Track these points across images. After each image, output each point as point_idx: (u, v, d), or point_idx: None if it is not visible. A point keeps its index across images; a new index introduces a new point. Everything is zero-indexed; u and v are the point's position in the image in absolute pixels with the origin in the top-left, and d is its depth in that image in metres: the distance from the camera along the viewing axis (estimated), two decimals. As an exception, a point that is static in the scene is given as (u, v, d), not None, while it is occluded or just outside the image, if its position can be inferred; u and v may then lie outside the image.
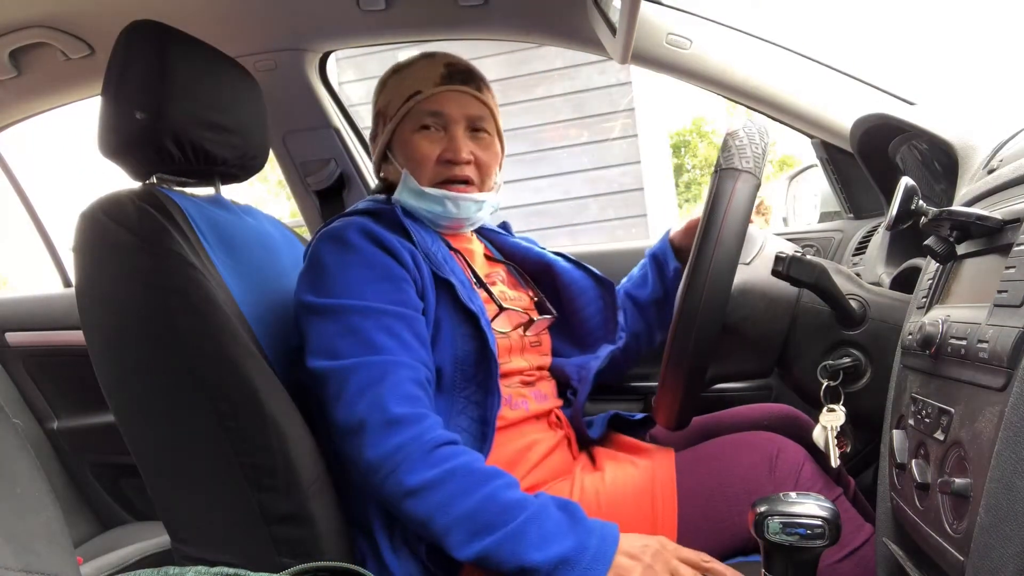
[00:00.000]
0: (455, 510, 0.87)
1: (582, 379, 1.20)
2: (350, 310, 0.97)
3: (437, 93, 1.11)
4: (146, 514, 1.98)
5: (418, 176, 1.11)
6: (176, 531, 1.02)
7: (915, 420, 0.72)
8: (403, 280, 1.01)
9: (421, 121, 1.11)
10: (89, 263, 0.99)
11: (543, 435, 1.11)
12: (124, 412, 1.00)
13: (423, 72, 1.13)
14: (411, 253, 1.04)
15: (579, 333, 1.28)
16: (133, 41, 1.04)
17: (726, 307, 0.88)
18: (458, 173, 1.11)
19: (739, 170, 0.87)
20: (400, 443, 0.89)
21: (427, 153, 1.11)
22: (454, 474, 0.89)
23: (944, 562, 0.62)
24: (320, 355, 0.96)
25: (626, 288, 1.35)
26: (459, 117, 1.12)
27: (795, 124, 1.43)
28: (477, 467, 0.90)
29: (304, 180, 1.81)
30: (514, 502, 0.88)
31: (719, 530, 0.95)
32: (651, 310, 1.32)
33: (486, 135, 1.15)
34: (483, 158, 1.13)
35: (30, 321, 1.96)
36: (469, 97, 1.13)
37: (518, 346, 1.14)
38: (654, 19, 1.37)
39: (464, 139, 1.12)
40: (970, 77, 2.83)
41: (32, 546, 0.54)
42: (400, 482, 0.89)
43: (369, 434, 0.90)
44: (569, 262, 1.29)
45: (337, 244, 1.02)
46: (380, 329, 0.96)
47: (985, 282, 0.66)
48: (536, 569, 0.84)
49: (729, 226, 0.86)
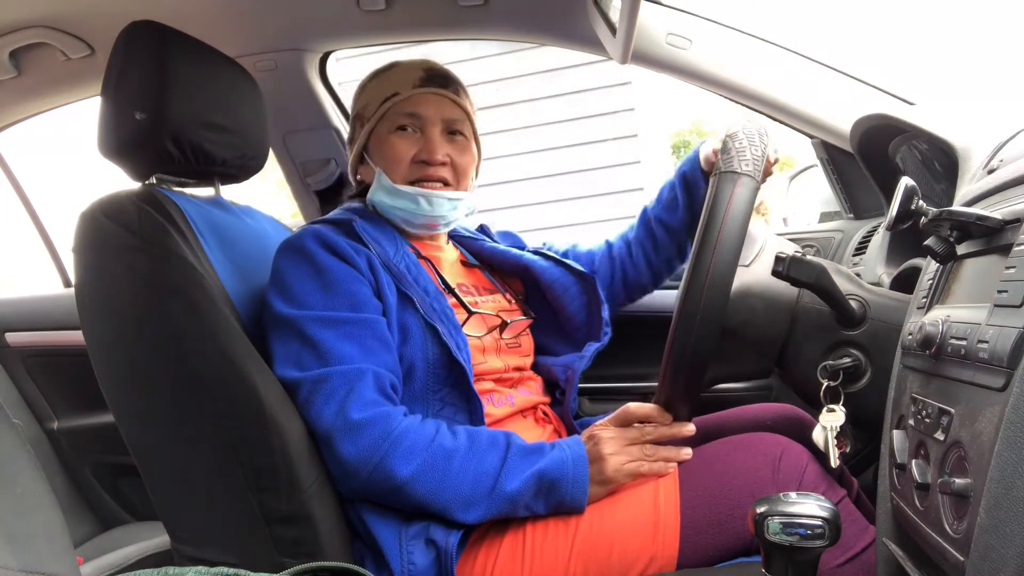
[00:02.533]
0: (441, 497, 0.94)
1: (568, 380, 1.21)
2: (311, 320, 0.99)
3: (415, 95, 1.14)
4: (146, 514, 1.98)
5: (393, 175, 1.13)
6: (176, 531, 1.02)
7: (915, 420, 0.72)
8: (360, 283, 1.03)
9: (398, 122, 1.13)
10: (89, 263, 0.99)
11: (531, 432, 1.11)
12: (124, 412, 1.00)
13: (401, 75, 1.16)
14: (367, 258, 1.06)
15: (567, 330, 1.29)
16: (133, 41, 1.04)
17: (726, 311, 0.88)
18: (432, 173, 1.13)
19: (739, 173, 0.87)
20: (370, 444, 0.94)
21: (403, 152, 1.13)
22: (432, 464, 0.95)
23: (944, 562, 0.62)
24: (286, 365, 0.99)
25: (655, 213, 1.33)
26: (436, 119, 1.14)
27: (795, 124, 1.42)
28: (448, 445, 0.96)
29: (304, 180, 1.81)
30: (491, 470, 0.95)
31: (722, 531, 0.94)
32: (683, 234, 1.31)
33: (462, 138, 1.17)
34: (459, 160, 1.15)
35: (30, 321, 1.96)
36: (446, 100, 1.15)
37: (492, 347, 1.15)
38: (654, 19, 1.37)
39: (440, 140, 1.14)
40: (970, 77, 2.84)
41: (32, 546, 0.54)
42: (382, 480, 0.94)
43: (339, 441, 0.95)
44: (549, 259, 1.30)
45: (294, 254, 1.05)
46: (341, 338, 0.99)
47: (985, 282, 0.66)
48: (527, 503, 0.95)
49: (728, 230, 0.86)
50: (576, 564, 0.94)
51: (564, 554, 0.95)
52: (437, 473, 0.94)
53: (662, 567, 0.94)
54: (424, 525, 0.96)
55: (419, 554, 0.95)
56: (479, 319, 1.14)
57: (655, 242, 1.32)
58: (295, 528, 0.95)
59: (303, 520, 0.95)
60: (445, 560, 0.93)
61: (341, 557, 0.98)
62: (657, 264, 1.33)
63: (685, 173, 1.29)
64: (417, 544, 0.96)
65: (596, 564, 0.94)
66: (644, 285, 1.36)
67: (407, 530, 0.97)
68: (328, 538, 0.96)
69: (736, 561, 0.95)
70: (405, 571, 0.95)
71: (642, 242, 1.34)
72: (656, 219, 1.32)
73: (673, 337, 0.89)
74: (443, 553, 0.93)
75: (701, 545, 0.94)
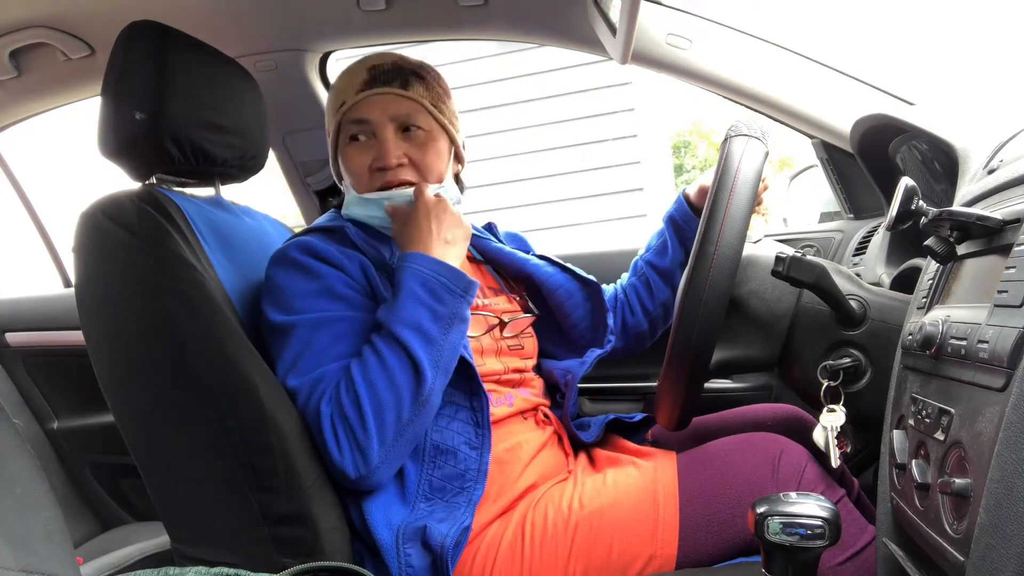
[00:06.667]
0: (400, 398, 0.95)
1: (568, 384, 1.20)
2: (305, 324, 0.99)
3: (359, 100, 1.08)
4: (146, 514, 1.97)
5: (357, 188, 1.11)
6: (176, 531, 1.02)
7: (915, 420, 0.72)
8: (352, 287, 1.03)
9: (350, 131, 1.10)
10: (89, 263, 0.99)
11: (531, 433, 1.11)
12: (124, 412, 1.00)
13: (346, 81, 1.11)
14: (359, 262, 1.05)
15: (571, 337, 1.28)
16: (133, 41, 1.04)
17: (740, 257, 0.87)
18: (391, 179, 1.09)
19: (748, 136, 0.88)
20: None
21: (359, 164, 1.10)
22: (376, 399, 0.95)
23: (944, 562, 0.62)
24: (286, 373, 0.99)
25: (646, 259, 1.33)
26: (383, 120, 1.08)
27: (795, 124, 1.42)
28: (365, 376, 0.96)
29: (304, 180, 1.81)
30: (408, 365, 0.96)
31: (721, 531, 0.95)
32: (677, 274, 1.30)
33: (420, 131, 1.10)
34: (418, 157, 1.10)
35: (30, 321, 1.96)
36: (392, 97, 1.09)
37: (492, 348, 1.14)
38: (654, 19, 1.37)
39: (394, 142, 1.09)
40: (970, 77, 2.85)
41: (32, 546, 0.54)
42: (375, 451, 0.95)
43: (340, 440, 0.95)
44: (554, 265, 1.29)
45: (285, 265, 1.04)
46: (337, 337, 0.99)
47: (985, 282, 0.66)
48: None
49: (741, 182, 0.86)
50: (575, 564, 0.95)
51: (563, 553, 0.95)
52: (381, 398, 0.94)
53: (661, 566, 0.94)
54: (421, 527, 0.96)
55: (416, 556, 0.95)
56: (478, 319, 1.13)
57: (649, 288, 1.32)
58: (295, 528, 0.95)
59: (303, 520, 0.95)
60: (441, 564, 0.93)
61: (341, 557, 0.98)
62: (654, 310, 1.32)
63: (672, 216, 1.30)
64: (414, 546, 0.95)
65: (595, 563, 0.94)
66: (642, 333, 1.34)
67: (404, 531, 0.96)
68: (328, 538, 0.96)
69: (736, 561, 0.95)
70: (403, 572, 0.95)
71: (636, 289, 1.33)
72: (647, 264, 1.32)
73: (685, 292, 0.88)
74: (439, 558, 0.93)
75: (700, 544, 0.94)
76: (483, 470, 1.01)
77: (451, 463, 1.01)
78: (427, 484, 1.01)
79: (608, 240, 4.85)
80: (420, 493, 1.00)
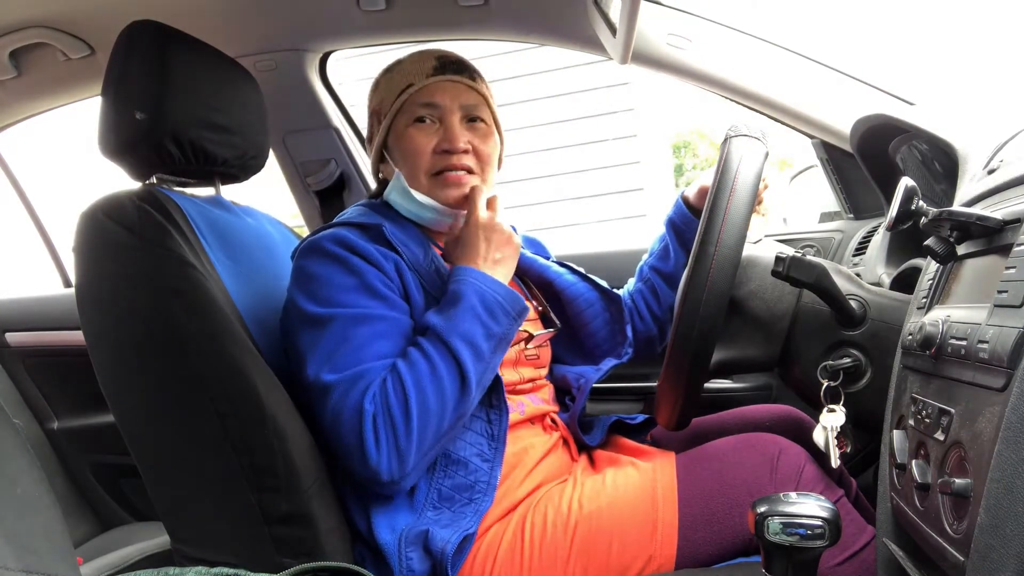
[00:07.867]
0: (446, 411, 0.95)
1: (580, 389, 1.20)
2: (345, 319, 0.97)
3: (430, 84, 1.10)
4: (146, 514, 1.98)
5: (415, 168, 1.10)
6: (176, 531, 1.02)
7: (915, 420, 0.72)
8: (388, 285, 1.02)
9: (415, 114, 1.10)
10: (89, 263, 0.99)
11: (538, 439, 1.11)
12: (124, 412, 1.00)
13: (414, 66, 1.13)
14: (395, 262, 1.04)
15: (587, 346, 1.28)
16: (133, 41, 1.04)
17: (740, 254, 0.87)
18: (455, 162, 1.09)
19: (748, 136, 0.88)
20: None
21: (423, 144, 1.09)
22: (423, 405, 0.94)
23: (944, 562, 0.62)
24: (319, 367, 0.96)
25: (650, 264, 1.34)
26: (454, 106, 1.10)
27: (795, 124, 1.42)
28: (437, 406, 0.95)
29: (304, 180, 1.81)
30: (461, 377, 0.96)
31: (720, 531, 0.95)
32: (680, 276, 1.30)
33: (483, 124, 1.13)
34: (481, 147, 1.11)
35: (30, 321, 1.96)
36: (463, 86, 1.12)
37: (511, 360, 1.13)
38: (654, 19, 1.37)
39: (461, 128, 1.10)
40: (970, 77, 2.85)
41: (32, 546, 0.54)
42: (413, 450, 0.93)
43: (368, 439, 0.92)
44: (575, 273, 1.29)
45: (322, 256, 1.02)
46: (376, 336, 0.97)
47: (985, 282, 0.66)
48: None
49: (741, 181, 0.86)
50: (575, 564, 0.95)
51: (563, 554, 0.95)
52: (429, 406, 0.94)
53: (661, 566, 0.94)
54: (424, 531, 0.96)
55: (417, 560, 0.95)
56: None
57: (655, 293, 1.32)
58: (295, 528, 0.95)
59: (303, 520, 0.95)
60: (442, 570, 0.93)
61: (341, 557, 0.98)
62: (662, 314, 1.32)
63: (672, 219, 1.30)
64: (416, 550, 0.95)
65: (595, 564, 0.94)
66: (652, 337, 1.34)
67: (407, 535, 0.96)
68: (328, 538, 0.96)
69: (736, 561, 0.95)
70: (405, 571, 0.95)
71: (643, 294, 1.33)
72: (651, 269, 1.33)
73: (684, 295, 0.88)
74: (439, 564, 0.93)
75: (699, 544, 0.94)
76: (493, 484, 1.00)
77: (461, 473, 1.00)
78: (436, 493, 1.00)
79: (608, 240, 4.86)
80: (428, 501, 0.99)
